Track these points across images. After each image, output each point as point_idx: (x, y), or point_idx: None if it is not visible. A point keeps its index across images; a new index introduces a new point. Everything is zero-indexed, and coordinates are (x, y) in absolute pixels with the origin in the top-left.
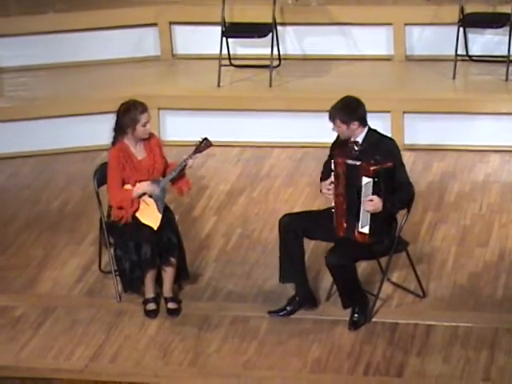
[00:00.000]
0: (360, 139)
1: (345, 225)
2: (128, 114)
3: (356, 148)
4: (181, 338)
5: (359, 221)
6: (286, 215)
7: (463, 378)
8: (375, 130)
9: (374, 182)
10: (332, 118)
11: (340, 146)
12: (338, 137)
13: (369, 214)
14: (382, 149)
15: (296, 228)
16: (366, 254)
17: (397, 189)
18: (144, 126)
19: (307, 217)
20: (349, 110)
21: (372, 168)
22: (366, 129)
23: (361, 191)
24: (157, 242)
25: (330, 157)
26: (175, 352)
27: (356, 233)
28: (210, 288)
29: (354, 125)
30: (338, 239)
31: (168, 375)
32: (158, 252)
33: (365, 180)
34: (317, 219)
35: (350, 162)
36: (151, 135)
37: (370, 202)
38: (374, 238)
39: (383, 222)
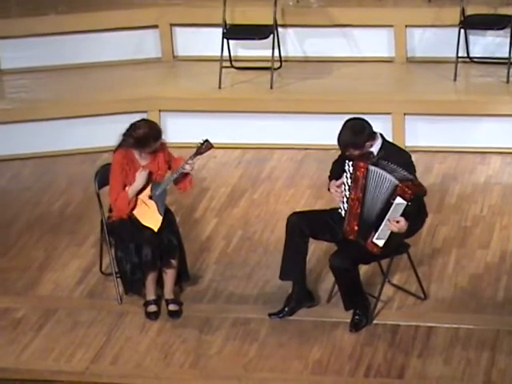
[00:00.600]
0: (375, 150)
1: (356, 228)
2: (140, 140)
3: (372, 156)
4: (182, 339)
5: (377, 232)
6: (294, 214)
7: (464, 379)
8: (390, 142)
9: (407, 206)
10: (344, 148)
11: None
12: None
13: (389, 231)
14: (400, 161)
15: (303, 227)
16: (369, 258)
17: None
18: (152, 151)
19: (315, 217)
20: (357, 134)
21: (410, 191)
22: (378, 139)
23: (389, 208)
24: (157, 244)
25: (341, 157)
26: (176, 354)
27: (369, 241)
28: (210, 290)
29: (368, 146)
30: (342, 241)
31: (169, 377)
32: (158, 254)
33: (398, 200)
34: (324, 220)
35: (373, 168)
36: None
37: (397, 224)
38: (383, 251)
39: (397, 239)
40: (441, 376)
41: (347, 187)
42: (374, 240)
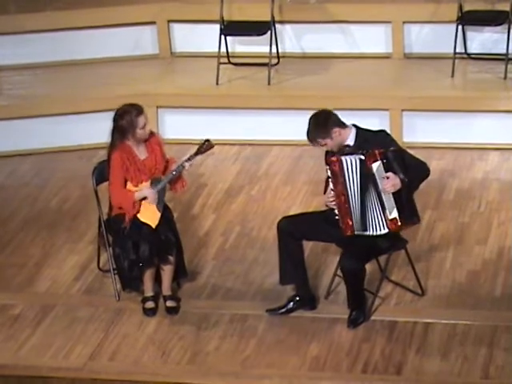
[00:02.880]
0: (351, 142)
1: (350, 223)
2: (125, 119)
3: (348, 148)
4: (179, 336)
5: (385, 209)
6: (283, 218)
7: (461, 375)
8: (363, 128)
9: (383, 164)
10: (313, 142)
11: (333, 153)
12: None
13: (392, 198)
14: (375, 142)
15: (294, 231)
16: (377, 252)
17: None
18: (143, 128)
19: (305, 219)
20: (320, 124)
21: (377, 151)
22: (352, 130)
23: (376, 180)
24: (155, 241)
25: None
26: (174, 350)
27: (388, 222)
28: (208, 286)
29: (335, 132)
30: (346, 242)
31: (167, 373)
32: (156, 250)
33: (375, 166)
34: (314, 221)
35: (345, 157)
36: (151, 134)
37: (387, 181)
38: (405, 219)
39: (408, 201)
40: (438, 372)
41: (332, 191)
42: (390, 217)
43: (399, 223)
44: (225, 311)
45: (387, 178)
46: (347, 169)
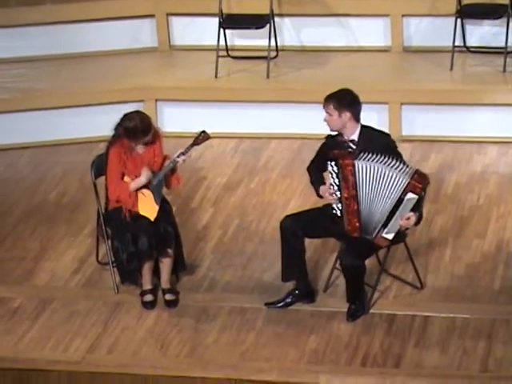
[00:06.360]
0: (355, 137)
1: (358, 225)
2: (131, 136)
3: (353, 146)
4: (178, 329)
5: (386, 227)
6: (286, 217)
7: (460, 369)
8: (369, 127)
9: (418, 200)
10: (326, 104)
11: (334, 148)
12: (327, 138)
13: (399, 226)
14: (379, 144)
15: (297, 230)
16: (375, 249)
17: None
18: (145, 144)
19: (307, 218)
20: (344, 98)
21: (420, 186)
22: (359, 126)
23: (400, 203)
24: (154, 233)
25: (318, 157)
26: (173, 343)
27: (379, 236)
28: (207, 279)
29: (346, 115)
30: (346, 239)
31: (166, 366)
32: (155, 243)
33: (410, 195)
34: (316, 219)
35: (360, 163)
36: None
37: (407, 221)
38: (391, 243)
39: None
40: (437, 365)
41: (336, 187)
42: (384, 235)
43: (386, 243)
44: (224, 304)
45: (407, 219)
46: (361, 174)
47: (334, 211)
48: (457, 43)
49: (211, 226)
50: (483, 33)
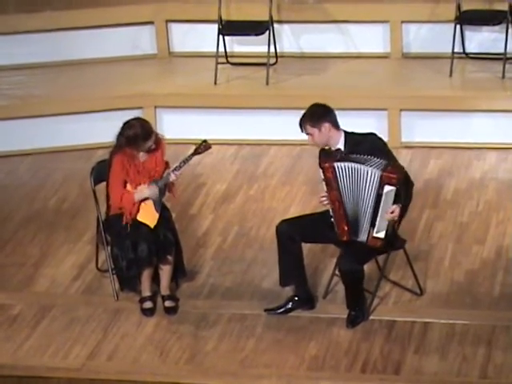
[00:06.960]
0: (341, 146)
1: (346, 228)
2: (132, 143)
3: (338, 152)
4: (178, 336)
5: (375, 226)
6: (282, 222)
7: (460, 375)
8: (352, 132)
9: (396, 190)
10: (302, 127)
11: (324, 155)
12: (320, 152)
13: (387, 222)
14: (367, 146)
15: (293, 234)
16: (373, 254)
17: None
18: (147, 150)
19: (304, 222)
20: (315, 113)
21: (395, 176)
22: (342, 133)
23: (380, 199)
24: (153, 240)
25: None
26: (172, 350)
27: (370, 238)
28: (207, 286)
29: (326, 127)
30: (344, 244)
31: (165, 373)
32: (154, 250)
33: (387, 188)
34: (313, 223)
35: (339, 164)
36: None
37: (391, 214)
38: (385, 242)
39: (393, 225)
40: (437, 371)
41: (326, 193)
42: (375, 235)
43: (380, 243)
44: (223, 311)
45: (392, 212)
46: (342, 176)
47: (332, 218)
48: (456, 49)
49: (211, 233)
50: (482, 39)
